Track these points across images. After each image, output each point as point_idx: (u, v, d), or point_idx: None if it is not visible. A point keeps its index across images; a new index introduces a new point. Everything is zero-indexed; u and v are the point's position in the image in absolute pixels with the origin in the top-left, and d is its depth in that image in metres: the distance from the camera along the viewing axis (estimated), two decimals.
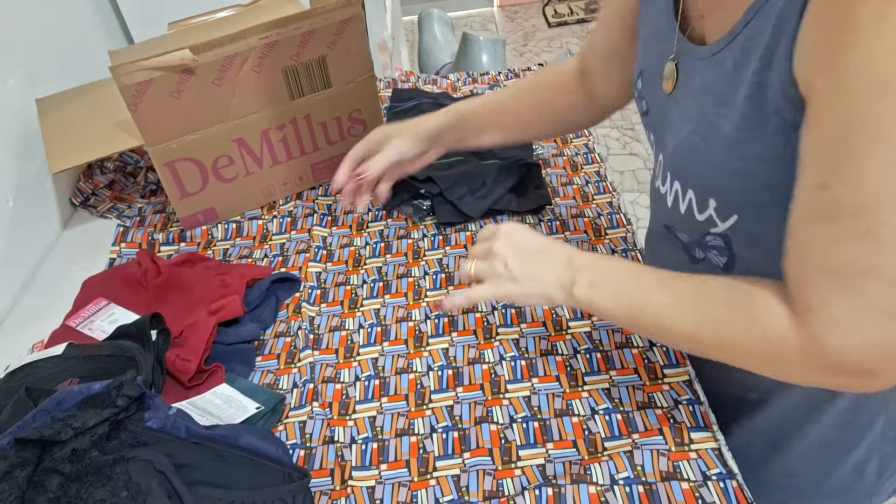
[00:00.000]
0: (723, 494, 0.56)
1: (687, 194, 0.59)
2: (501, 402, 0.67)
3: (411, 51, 3.06)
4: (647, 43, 0.64)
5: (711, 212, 0.56)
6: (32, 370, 0.64)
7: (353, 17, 0.90)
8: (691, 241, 0.63)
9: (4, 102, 0.93)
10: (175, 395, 0.67)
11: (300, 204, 1.00)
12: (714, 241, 0.60)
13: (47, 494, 0.46)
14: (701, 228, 0.60)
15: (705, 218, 0.58)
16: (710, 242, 0.60)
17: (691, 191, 0.58)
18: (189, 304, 0.77)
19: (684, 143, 0.56)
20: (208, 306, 0.75)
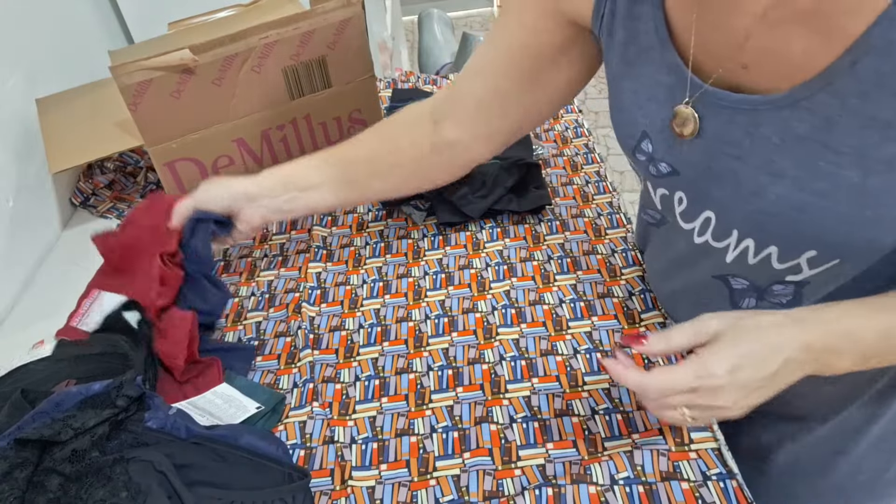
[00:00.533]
0: (723, 494, 0.56)
1: (766, 249, 0.54)
2: (501, 402, 0.67)
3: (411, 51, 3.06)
4: (643, 101, 0.57)
5: (801, 261, 0.53)
6: (24, 374, 0.63)
7: (353, 17, 0.90)
8: (751, 287, 0.59)
9: (4, 102, 0.93)
10: (172, 392, 0.67)
11: None
12: (783, 290, 0.56)
13: (47, 495, 0.46)
14: (776, 276, 0.56)
15: (788, 266, 0.54)
16: (777, 291, 0.57)
17: (774, 247, 0.53)
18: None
19: (781, 201, 0.49)
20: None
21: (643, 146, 0.59)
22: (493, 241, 0.88)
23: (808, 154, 0.47)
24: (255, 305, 0.83)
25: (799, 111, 0.47)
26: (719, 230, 0.57)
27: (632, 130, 0.60)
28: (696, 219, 0.58)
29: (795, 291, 0.56)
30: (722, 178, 0.53)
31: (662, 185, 0.60)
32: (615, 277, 0.80)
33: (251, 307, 0.82)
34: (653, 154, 0.58)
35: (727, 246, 0.57)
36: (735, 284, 0.60)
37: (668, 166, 0.57)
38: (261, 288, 0.85)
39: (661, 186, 0.60)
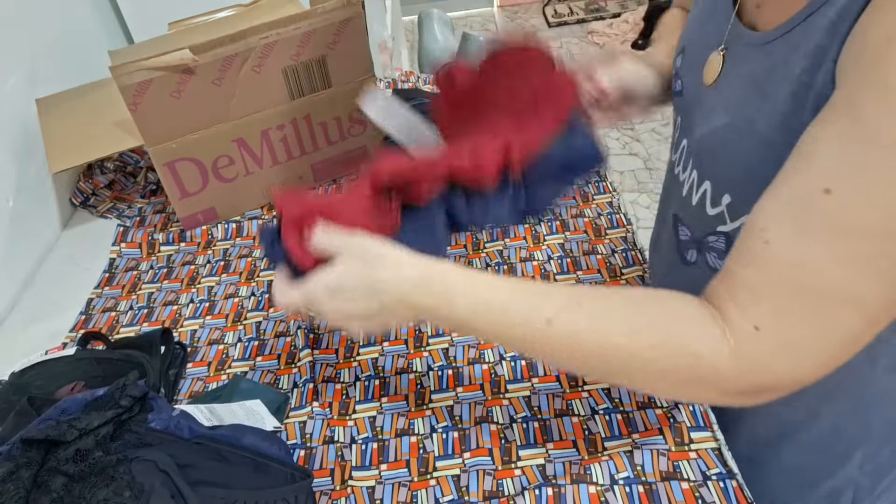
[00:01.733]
0: (723, 494, 0.56)
1: (703, 185, 0.57)
2: (501, 402, 0.67)
3: (411, 51, 3.05)
4: (697, 19, 0.61)
5: (723, 208, 0.54)
6: (43, 369, 0.65)
7: (353, 17, 0.91)
8: (692, 239, 0.61)
9: (4, 102, 0.93)
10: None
11: None
12: (716, 243, 0.58)
13: (51, 494, 0.46)
14: (708, 225, 0.58)
15: (716, 213, 0.56)
16: (711, 243, 0.58)
17: (708, 182, 0.56)
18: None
19: (716, 134, 0.54)
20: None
21: (677, 60, 0.63)
22: (493, 241, 0.88)
23: (748, 94, 0.50)
24: (254, 305, 0.83)
25: (762, 52, 0.49)
26: (685, 159, 0.60)
27: (679, 44, 0.64)
28: (679, 147, 0.63)
29: (727, 245, 0.56)
30: (700, 104, 0.57)
31: (675, 105, 0.64)
32: (615, 277, 0.80)
33: (251, 307, 0.82)
34: (679, 70, 0.63)
35: (685, 178, 0.60)
36: (681, 234, 0.63)
37: (681, 85, 0.62)
38: (261, 288, 0.85)
39: (675, 108, 0.65)
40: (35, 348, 0.75)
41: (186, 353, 0.76)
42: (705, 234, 0.58)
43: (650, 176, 2.46)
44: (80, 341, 0.74)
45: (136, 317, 0.83)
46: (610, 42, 3.38)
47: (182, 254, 0.93)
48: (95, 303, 0.86)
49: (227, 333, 0.79)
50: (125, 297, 0.86)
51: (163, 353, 0.71)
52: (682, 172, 0.61)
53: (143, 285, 0.88)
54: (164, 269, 0.91)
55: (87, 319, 0.84)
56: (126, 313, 0.84)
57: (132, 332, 0.80)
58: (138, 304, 0.85)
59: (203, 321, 0.81)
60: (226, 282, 0.87)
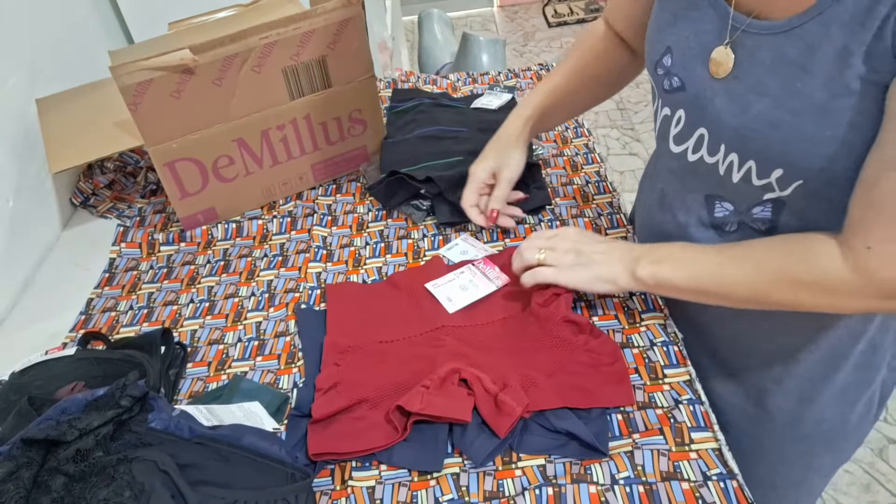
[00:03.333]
0: (723, 494, 0.56)
1: (746, 164, 0.61)
2: None
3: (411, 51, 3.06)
4: (675, 18, 0.65)
5: (772, 180, 0.59)
6: (43, 369, 0.65)
7: (353, 17, 0.91)
8: (734, 212, 0.66)
9: (4, 102, 0.93)
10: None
11: (300, 204, 1.00)
12: (761, 212, 0.64)
13: (51, 494, 0.46)
14: (755, 196, 0.62)
15: (763, 184, 0.60)
16: (756, 213, 0.64)
17: (752, 161, 0.60)
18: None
19: (762, 117, 0.57)
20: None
21: (664, 61, 0.66)
22: (493, 241, 0.88)
23: (790, 75, 0.54)
24: (255, 305, 0.83)
25: (791, 37, 0.54)
26: (712, 144, 0.63)
27: (657, 46, 0.67)
28: (691, 137, 0.66)
29: (773, 212, 0.63)
30: (718, 94, 0.61)
31: (668, 102, 0.68)
32: None
33: (251, 307, 0.82)
34: (670, 68, 0.66)
35: (717, 161, 0.64)
36: (718, 211, 0.68)
37: (679, 81, 0.65)
38: (261, 288, 0.85)
39: (667, 105, 0.68)
40: (35, 348, 0.75)
41: (186, 353, 0.76)
42: (751, 206, 0.64)
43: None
44: (80, 341, 0.74)
45: (136, 317, 0.83)
46: None
47: (182, 254, 0.93)
48: (95, 303, 0.86)
49: (227, 333, 0.79)
50: (125, 297, 0.86)
51: (163, 353, 0.71)
52: (709, 156, 0.64)
53: (143, 285, 0.88)
54: (164, 269, 0.91)
55: (87, 319, 0.84)
56: (126, 313, 0.84)
57: (132, 332, 0.80)
58: (138, 304, 0.85)
59: (203, 321, 0.81)
60: (226, 282, 0.87)
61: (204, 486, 0.51)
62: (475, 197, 0.85)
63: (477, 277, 0.78)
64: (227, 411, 0.63)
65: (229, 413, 0.63)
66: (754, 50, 0.57)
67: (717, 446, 0.60)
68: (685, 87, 0.65)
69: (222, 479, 0.52)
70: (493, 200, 0.84)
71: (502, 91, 1.20)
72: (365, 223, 0.94)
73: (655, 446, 0.60)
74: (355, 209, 0.97)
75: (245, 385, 0.69)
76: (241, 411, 0.64)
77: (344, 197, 1.00)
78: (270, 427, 0.65)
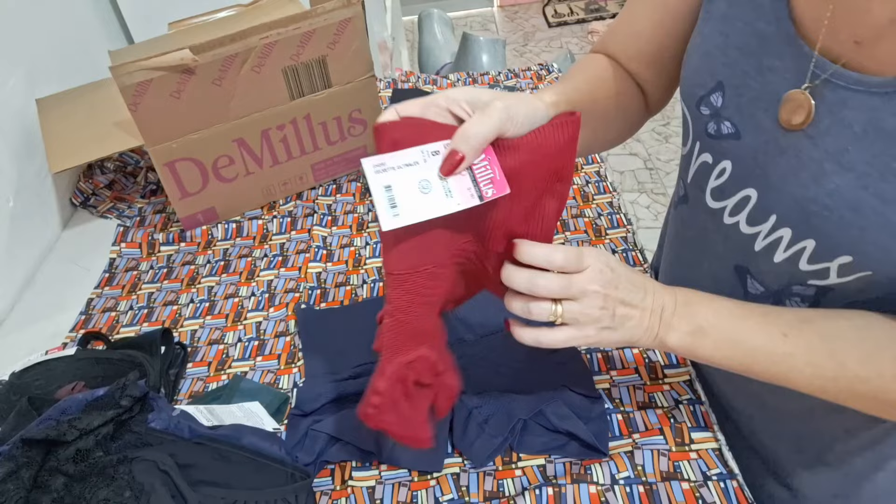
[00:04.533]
0: (723, 494, 0.56)
1: (801, 244, 0.49)
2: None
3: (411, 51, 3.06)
4: (730, 46, 0.52)
5: (831, 266, 0.48)
6: (44, 369, 0.65)
7: (353, 17, 0.91)
8: (768, 293, 0.55)
9: (4, 102, 0.93)
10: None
11: (300, 204, 1.00)
12: (804, 291, 0.52)
13: (51, 494, 0.46)
14: (799, 279, 0.51)
15: (816, 269, 0.50)
16: (796, 291, 0.53)
17: (812, 241, 0.48)
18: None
19: (841, 195, 0.45)
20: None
21: (712, 99, 0.54)
22: None
23: (886, 152, 0.43)
24: (255, 305, 0.83)
25: (893, 103, 0.42)
26: (757, 212, 0.52)
27: (704, 79, 0.54)
28: (733, 196, 0.54)
29: (815, 297, 0.52)
30: (785, 153, 0.49)
31: (712, 149, 0.55)
32: None
33: (251, 307, 0.82)
34: (720, 110, 0.53)
35: (758, 233, 0.53)
36: (751, 288, 0.56)
37: (732, 127, 0.52)
38: (261, 288, 0.85)
39: (708, 151, 0.56)
40: (35, 348, 0.75)
41: (186, 353, 0.76)
42: (790, 285, 0.53)
43: (650, 176, 2.46)
44: (80, 341, 0.75)
45: (137, 317, 0.83)
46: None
47: (182, 254, 0.93)
48: (95, 303, 0.86)
49: (227, 333, 0.79)
50: (125, 297, 0.86)
51: (163, 353, 0.71)
52: (748, 226, 0.53)
53: (143, 285, 0.88)
54: (164, 269, 0.91)
55: (87, 319, 0.84)
56: (126, 313, 0.84)
57: (132, 332, 0.80)
58: (138, 304, 0.85)
59: (203, 321, 0.81)
60: (226, 282, 0.87)
61: (204, 486, 0.51)
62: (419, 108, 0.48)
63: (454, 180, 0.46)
64: (227, 411, 0.63)
65: (229, 413, 0.63)
66: (839, 107, 0.45)
67: (717, 446, 0.60)
68: (740, 136, 0.52)
69: (222, 479, 0.52)
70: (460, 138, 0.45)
71: (502, 91, 1.20)
72: (365, 223, 0.94)
73: (655, 446, 0.60)
74: (355, 209, 0.97)
75: (245, 385, 0.70)
76: (241, 411, 0.64)
77: (344, 197, 1.00)
78: (270, 427, 0.65)
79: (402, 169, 0.45)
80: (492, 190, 0.46)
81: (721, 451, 0.60)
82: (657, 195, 2.35)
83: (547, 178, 0.49)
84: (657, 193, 2.36)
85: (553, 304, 0.48)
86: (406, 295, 0.49)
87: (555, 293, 0.48)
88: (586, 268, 0.48)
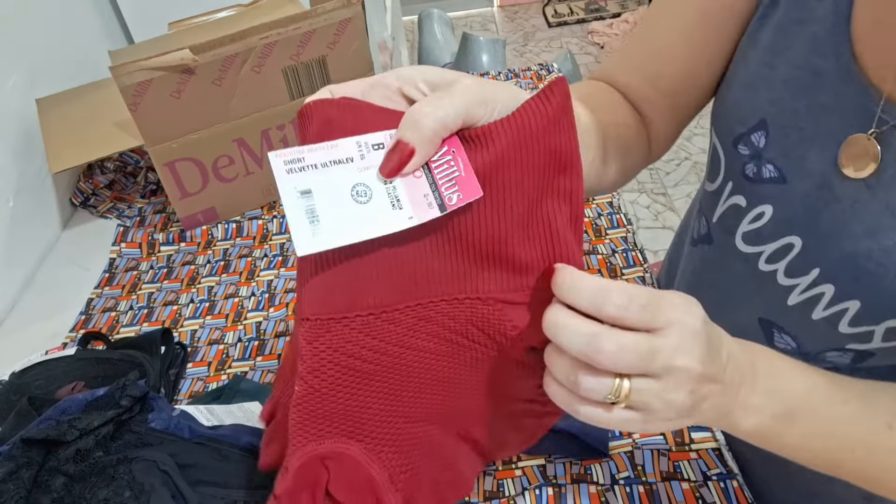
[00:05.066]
0: (723, 494, 0.56)
1: (843, 304, 0.45)
2: None
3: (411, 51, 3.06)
4: (778, 84, 0.46)
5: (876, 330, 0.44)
6: (43, 369, 0.65)
7: (353, 17, 0.91)
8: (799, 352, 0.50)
9: (4, 102, 0.93)
10: None
11: None
12: (839, 357, 0.48)
13: (51, 494, 0.46)
14: (836, 341, 0.47)
15: (857, 333, 0.45)
16: (830, 357, 0.48)
17: (856, 302, 0.44)
18: None
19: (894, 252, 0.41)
20: None
21: (753, 138, 0.48)
22: None
23: None
24: (255, 305, 0.83)
25: None
26: (798, 263, 0.47)
27: (745, 114, 0.48)
28: (772, 242, 0.48)
29: (852, 364, 0.47)
30: (839, 202, 0.43)
31: (748, 192, 0.49)
32: (616, 278, 0.80)
33: (251, 307, 0.82)
34: (762, 151, 0.47)
35: (795, 285, 0.47)
36: (778, 342, 0.50)
37: (776, 170, 0.46)
38: (261, 288, 0.85)
39: (742, 193, 0.50)
40: (35, 348, 0.75)
41: (187, 353, 0.76)
42: (826, 349, 0.48)
43: (650, 176, 2.46)
44: (80, 341, 0.74)
45: (136, 317, 0.83)
46: (609, 42, 3.38)
47: (182, 254, 0.93)
48: (95, 303, 0.86)
49: (227, 333, 0.79)
50: (125, 297, 0.86)
51: (163, 353, 0.71)
52: (786, 277, 0.48)
53: (143, 285, 0.88)
54: (164, 269, 0.91)
55: (87, 319, 0.84)
56: (126, 313, 0.84)
57: (132, 332, 0.80)
58: (138, 304, 0.85)
59: (203, 321, 0.81)
60: (226, 282, 0.87)
61: (204, 486, 0.51)
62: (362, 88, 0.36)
63: (404, 184, 0.33)
64: (227, 411, 0.63)
65: (229, 413, 0.63)
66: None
67: (716, 446, 0.60)
68: (786, 180, 0.46)
69: (222, 478, 0.52)
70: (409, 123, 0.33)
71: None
72: None
73: (655, 446, 0.60)
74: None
75: (245, 385, 0.69)
76: (241, 411, 0.64)
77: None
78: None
79: (330, 168, 0.33)
80: (457, 194, 0.32)
81: (721, 451, 0.60)
82: (657, 195, 2.35)
83: (542, 170, 0.34)
84: (657, 193, 2.36)
85: (617, 378, 0.32)
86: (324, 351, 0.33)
87: (628, 366, 0.32)
88: (668, 326, 0.32)
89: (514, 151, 0.33)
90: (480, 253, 0.34)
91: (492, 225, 0.33)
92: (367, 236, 0.31)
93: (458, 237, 0.34)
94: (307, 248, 0.31)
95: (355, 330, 0.34)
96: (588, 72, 3.18)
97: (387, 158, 0.32)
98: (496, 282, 0.35)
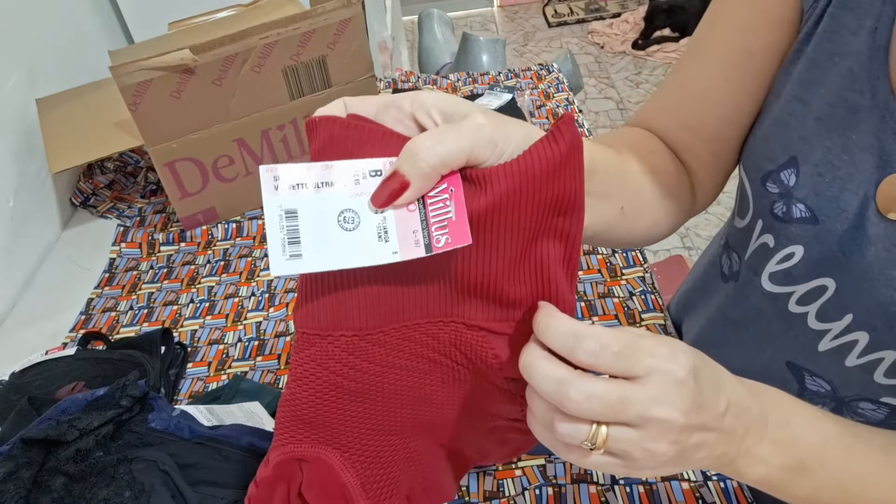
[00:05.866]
0: (723, 494, 0.56)
1: (878, 353, 0.43)
2: None
3: (411, 51, 3.06)
4: (810, 120, 0.44)
5: None
6: (43, 369, 0.65)
7: (353, 17, 0.91)
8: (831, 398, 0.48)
9: (4, 102, 0.93)
10: None
11: None
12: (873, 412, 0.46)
13: (51, 494, 0.46)
14: (870, 392, 0.45)
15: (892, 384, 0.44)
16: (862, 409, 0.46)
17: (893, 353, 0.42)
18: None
19: None
20: None
21: (783, 176, 0.45)
22: None
23: None
24: (255, 305, 0.83)
25: None
26: (831, 307, 0.44)
27: (774, 151, 0.45)
28: (804, 283, 0.46)
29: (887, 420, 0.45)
30: (874, 245, 0.41)
31: (777, 232, 0.47)
32: (615, 277, 0.80)
33: (251, 307, 0.82)
34: (792, 189, 0.45)
35: (827, 331, 0.45)
36: (810, 384, 0.48)
37: (807, 210, 0.44)
38: (261, 288, 0.85)
39: (771, 233, 0.47)
40: (35, 348, 0.75)
41: (187, 353, 0.76)
42: (861, 396, 0.46)
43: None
44: (80, 341, 0.75)
45: (137, 317, 0.83)
46: (609, 42, 3.38)
47: (182, 254, 0.93)
48: (95, 303, 0.86)
49: (227, 333, 0.79)
50: (125, 297, 0.86)
51: (163, 353, 0.71)
52: (818, 321, 0.46)
53: (143, 285, 0.88)
54: (164, 269, 0.91)
55: (87, 319, 0.84)
56: (126, 313, 0.84)
57: (132, 332, 0.80)
58: (138, 304, 0.85)
59: (203, 321, 0.81)
60: (226, 282, 0.87)
61: (204, 486, 0.51)
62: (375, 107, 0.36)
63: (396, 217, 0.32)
64: (227, 411, 0.63)
65: (229, 413, 0.63)
66: None
67: None
68: (818, 221, 0.44)
69: (222, 479, 0.52)
70: (407, 155, 0.31)
71: (502, 91, 1.20)
72: None
73: None
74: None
75: (245, 385, 0.69)
76: (241, 411, 0.64)
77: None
78: (270, 427, 0.65)
79: (321, 189, 0.31)
80: (446, 237, 0.30)
81: None
82: None
83: (542, 212, 0.33)
84: None
85: (594, 424, 0.31)
86: (308, 363, 0.35)
87: (597, 415, 0.31)
88: (647, 374, 0.31)
89: (513, 198, 0.32)
90: (468, 287, 0.34)
91: (482, 266, 0.33)
92: (347, 266, 0.30)
93: (447, 272, 0.34)
94: (281, 269, 0.30)
95: (339, 348, 0.34)
96: (588, 72, 3.17)
97: (380, 188, 0.31)
98: (482, 311, 0.35)
